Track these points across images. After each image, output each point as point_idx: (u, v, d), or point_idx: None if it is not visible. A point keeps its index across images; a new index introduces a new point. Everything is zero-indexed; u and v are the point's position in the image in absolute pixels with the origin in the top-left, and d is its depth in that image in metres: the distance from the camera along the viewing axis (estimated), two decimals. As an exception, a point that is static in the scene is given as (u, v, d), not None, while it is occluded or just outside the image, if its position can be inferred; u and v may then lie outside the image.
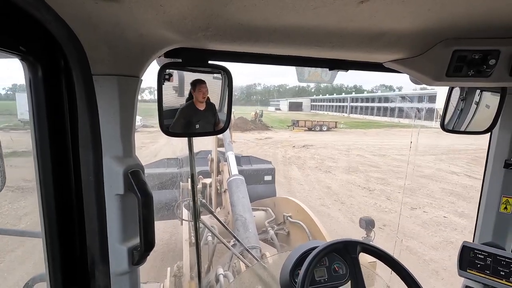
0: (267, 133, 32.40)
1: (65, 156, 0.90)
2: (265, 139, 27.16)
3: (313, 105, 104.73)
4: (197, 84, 1.10)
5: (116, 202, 0.97)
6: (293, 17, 0.82)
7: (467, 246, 1.57)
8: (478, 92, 1.45)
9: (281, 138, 27.76)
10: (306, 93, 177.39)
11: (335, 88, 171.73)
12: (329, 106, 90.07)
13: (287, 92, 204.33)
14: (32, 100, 0.83)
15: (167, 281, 3.68)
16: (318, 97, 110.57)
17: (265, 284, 1.81)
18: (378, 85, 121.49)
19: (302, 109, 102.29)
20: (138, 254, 1.00)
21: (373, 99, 66.67)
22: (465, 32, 0.94)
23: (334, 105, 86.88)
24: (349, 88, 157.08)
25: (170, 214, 6.01)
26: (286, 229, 4.83)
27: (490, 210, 1.61)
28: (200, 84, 1.10)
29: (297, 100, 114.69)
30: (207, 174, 6.92)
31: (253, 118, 40.38)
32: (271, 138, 27.66)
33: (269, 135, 30.33)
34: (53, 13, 0.73)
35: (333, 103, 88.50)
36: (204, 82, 1.10)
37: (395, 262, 1.30)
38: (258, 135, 30.51)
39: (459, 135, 1.55)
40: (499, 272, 1.46)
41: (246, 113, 44.58)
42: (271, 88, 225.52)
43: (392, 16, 0.82)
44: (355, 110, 72.32)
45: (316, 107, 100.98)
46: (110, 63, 0.90)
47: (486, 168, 1.63)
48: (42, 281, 1.33)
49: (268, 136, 29.67)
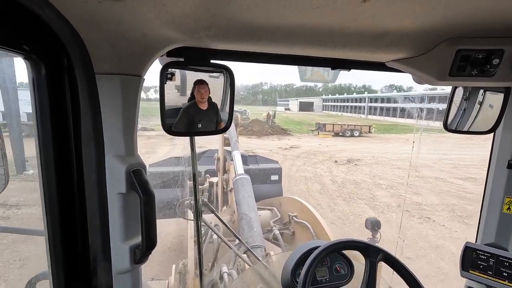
0: (289, 139, 27.52)
1: (67, 154, 0.91)
2: (291, 148, 22.07)
3: (324, 105, 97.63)
4: (196, 85, 1.10)
5: (118, 201, 0.98)
6: (295, 16, 0.82)
7: (470, 246, 1.55)
8: (482, 92, 1.43)
9: (311, 147, 22.52)
10: (314, 93, 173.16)
11: (343, 88, 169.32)
12: (342, 107, 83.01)
13: (294, 91, 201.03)
14: (36, 98, 0.84)
15: (172, 278, 3.71)
16: (331, 96, 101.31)
17: (267, 283, 1.81)
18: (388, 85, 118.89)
19: (313, 109, 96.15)
20: (140, 252, 1.01)
21: (388, 99, 61.80)
22: (469, 32, 0.93)
23: (348, 106, 79.65)
24: (357, 88, 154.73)
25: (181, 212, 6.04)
26: (292, 229, 4.82)
27: (493, 210, 1.58)
28: (200, 85, 1.10)
29: (308, 100, 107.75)
30: (214, 173, 6.94)
31: (265, 119, 36.17)
32: (299, 148, 22.24)
33: (294, 142, 25.20)
34: (56, 12, 0.74)
35: (347, 103, 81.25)
36: (204, 82, 1.11)
37: (414, 281, 1.26)
38: (279, 142, 25.56)
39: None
40: (501, 273, 1.44)
41: (257, 113, 41.26)
42: (278, 88, 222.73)
43: (395, 15, 0.81)
44: (373, 111, 65.67)
45: (328, 107, 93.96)
46: (112, 62, 0.91)
47: (489, 169, 1.60)
48: (44, 278, 1.35)
49: (293, 143, 24.52)
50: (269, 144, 23.69)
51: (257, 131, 29.55)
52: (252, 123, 32.30)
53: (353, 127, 32.35)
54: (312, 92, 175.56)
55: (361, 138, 29.76)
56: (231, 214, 5.25)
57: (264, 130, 30.40)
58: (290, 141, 25.91)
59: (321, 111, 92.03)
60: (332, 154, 19.88)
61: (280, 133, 31.26)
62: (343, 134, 30.98)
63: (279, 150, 21.01)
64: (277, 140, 26.41)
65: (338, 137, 30.28)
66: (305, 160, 17.64)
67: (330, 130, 31.92)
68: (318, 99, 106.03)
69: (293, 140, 26.75)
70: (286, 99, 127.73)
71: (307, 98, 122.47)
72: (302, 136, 30.38)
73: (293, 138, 28.96)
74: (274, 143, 24.45)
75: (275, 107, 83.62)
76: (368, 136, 30.95)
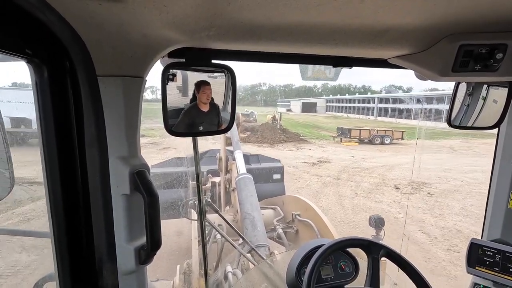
0: (310, 149, 22.02)
1: (71, 157, 0.92)
2: (319, 163, 16.89)
3: (328, 106, 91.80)
4: (201, 86, 1.10)
5: (122, 202, 0.98)
6: (296, 14, 0.82)
7: (476, 243, 1.54)
8: (485, 87, 1.42)
9: (344, 161, 17.50)
10: (313, 93, 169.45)
11: (343, 88, 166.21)
12: (347, 108, 77.40)
13: (293, 92, 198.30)
14: (39, 101, 0.85)
15: (176, 278, 3.72)
16: (336, 97, 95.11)
17: (272, 282, 1.81)
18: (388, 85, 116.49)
19: (317, 110, 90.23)
20: (145, 253, 1.01)
21: (393, 100, 56.48)
22: (472, 27, 0.92)
23: (353, 107, 74.39)
24: (357, 89, 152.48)
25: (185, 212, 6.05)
26: (295, 228, 4.82)
27: (498, 206, 1.57)
28: (205, 86, 1.10)
29: (311, 101, 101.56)
30: (216, 173, 6.95)
31: (270, 121, 30.84)
32: (329, 162, 17.17)
33: (318, 153, 19.96)
34: (57, 14, 0.74)
35: (352, 104, 75.55)
36: (208, 83, 1.10)
37: (418, 275, 1.26)
38: (298, 152, 20.34)
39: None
40: (508, 269, 1.43)
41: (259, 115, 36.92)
42: (277, 88, 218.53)
43: (396, 11, 0.80)
44: (383, 113, 59.47)
45: (332, 108, 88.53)
46: (114, 63, 0.91)
47: (494, 164, 1.59)
48: (51, 280, 1.36)
49: (319, 155, 19.05)
50: (287, 156, 17.90)
51: (268, 138, 24.79)
52: (262, 127, 27.55)
53: (383, 132, 26.92)
54: (312, 92, 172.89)
55: (394, 147, 24.50)
56: (234, 213, 5.26)
57: (277, 137, 25.52)
58: (312, 151, 20.80)
59: (324, 112, 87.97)
60: (381, 172, 14.84)
61: (295, 140, 25.96)
62: (372, 141, 25.78)
63: (305, 166, 16.05)
64: (295, 150, 21.29)
65: (365, 144, 25.17)
66: (353, 185, 12.56)
67: (356, 136, 26.61)
68: (321, 99, 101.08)
69: (315, 150, 21.52)
70: (287, 100, 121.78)
71: (310, 98, 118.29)
72: (323, 144, 25.02)
73: (314, 146, 23.59)
74: (293, 154, 19.13)
75: (275, 108, 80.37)
76: (401, 144, 25.73)
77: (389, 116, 56.46)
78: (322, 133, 31.96)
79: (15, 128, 10.17)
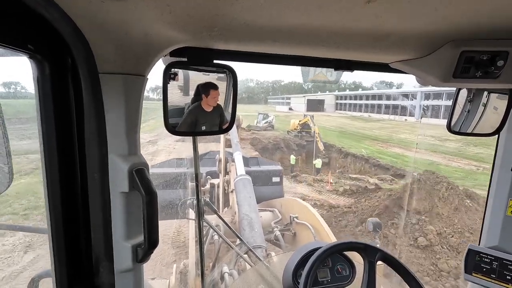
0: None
1: (71, 153, 0.91)
2: None
3: (338, 104, 74.42)
4: (210, 89, 1.11)
5: (120, 200, 0.98)
6: (298, 16, 0.82)
7: (473, 249, 1.54)
8: (486, 94, 1.42)
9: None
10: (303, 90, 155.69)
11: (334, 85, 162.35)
12: (363, 105, 61.87)
13: (281, 88, 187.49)
14: (40, 97, 0.85)
15: (173, 277, 3.72)
16: (348, 93, 77.34)
17: (268, 284, 1.81)
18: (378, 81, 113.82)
19: (325, 108, 73.80)
20: (142, 251, 1.01)
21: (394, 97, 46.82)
22: (473, 33, 0.92)
23: (374, 104, 57.85)
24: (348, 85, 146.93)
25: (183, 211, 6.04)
26: (293, 230, 4.82)
27: (497, 213, 1.57)
28: (214, 90, 1.12)
29: (317, 98, 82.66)
30: (216, 175, 6.95)
31: (294, 130, 23.81)
32: None
33: None
34: (60, 11, 0.74)
35: (371, 101, 58.90)
36: (216, 87, 1.12)
37: (413, 279, 1.26)
38: None
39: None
40: (505, 277, 1.43)
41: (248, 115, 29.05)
42: (265, 85, 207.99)
43: (398, 16, 0.81)
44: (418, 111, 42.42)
45: (345, 106, 71.18)
46: (116, 61, 0.91)
47: (493, 171, 1.59)
48: (47, 276, 1.35)
49: None
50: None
51: (304, 166, 13.18)
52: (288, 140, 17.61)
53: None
54: (301, 89, 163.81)
55: None
56: (232, 215, 5.26)
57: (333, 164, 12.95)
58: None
59: (334, 111, 71.98)
60: None
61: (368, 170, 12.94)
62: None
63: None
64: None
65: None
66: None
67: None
68: (330, 96, 79.83)
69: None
70: (281, 97, 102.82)
71: (316, 95, 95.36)
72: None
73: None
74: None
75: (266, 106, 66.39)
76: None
77: (440, 116, 36.11)
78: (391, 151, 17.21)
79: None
